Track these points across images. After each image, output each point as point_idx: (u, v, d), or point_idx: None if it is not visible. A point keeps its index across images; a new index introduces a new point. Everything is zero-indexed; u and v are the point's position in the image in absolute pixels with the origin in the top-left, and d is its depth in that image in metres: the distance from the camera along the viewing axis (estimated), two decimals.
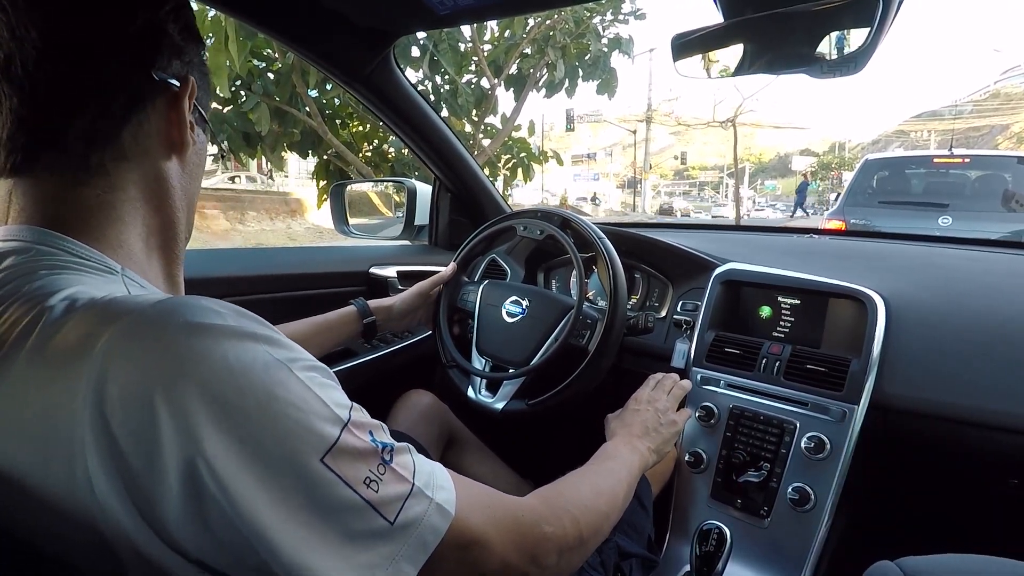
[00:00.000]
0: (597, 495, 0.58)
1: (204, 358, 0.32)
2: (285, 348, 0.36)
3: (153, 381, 0.31)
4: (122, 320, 0.33)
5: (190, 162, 0.48)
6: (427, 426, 1.02)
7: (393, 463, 0.37)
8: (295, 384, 0.34)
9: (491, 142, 6.44)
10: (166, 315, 0.33)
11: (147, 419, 0.30)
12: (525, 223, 1.13)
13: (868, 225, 4.22)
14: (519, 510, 0.46)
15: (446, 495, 0.39)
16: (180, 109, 0.45)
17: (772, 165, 75.21)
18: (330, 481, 0.33)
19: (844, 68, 0.75)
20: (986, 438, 0.81)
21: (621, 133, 52.90)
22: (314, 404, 0.35)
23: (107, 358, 0.31)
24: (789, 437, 0.91)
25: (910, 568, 0.52)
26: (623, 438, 0.80)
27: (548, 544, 0.47)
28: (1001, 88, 54.61)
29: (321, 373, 0.37)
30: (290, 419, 0.33)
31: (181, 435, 0.30)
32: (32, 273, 0.38)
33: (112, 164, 0.42)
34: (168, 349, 0.32)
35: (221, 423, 0.31)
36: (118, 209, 0.43)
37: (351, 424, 0.36)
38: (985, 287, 0.98)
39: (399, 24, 1.06)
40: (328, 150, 5.64)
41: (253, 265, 1.14)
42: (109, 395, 0.31)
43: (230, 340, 0.33)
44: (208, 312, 0.34)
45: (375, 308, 1.02)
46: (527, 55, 6.06)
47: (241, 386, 0.32)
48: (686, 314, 1.11)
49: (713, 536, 0.83)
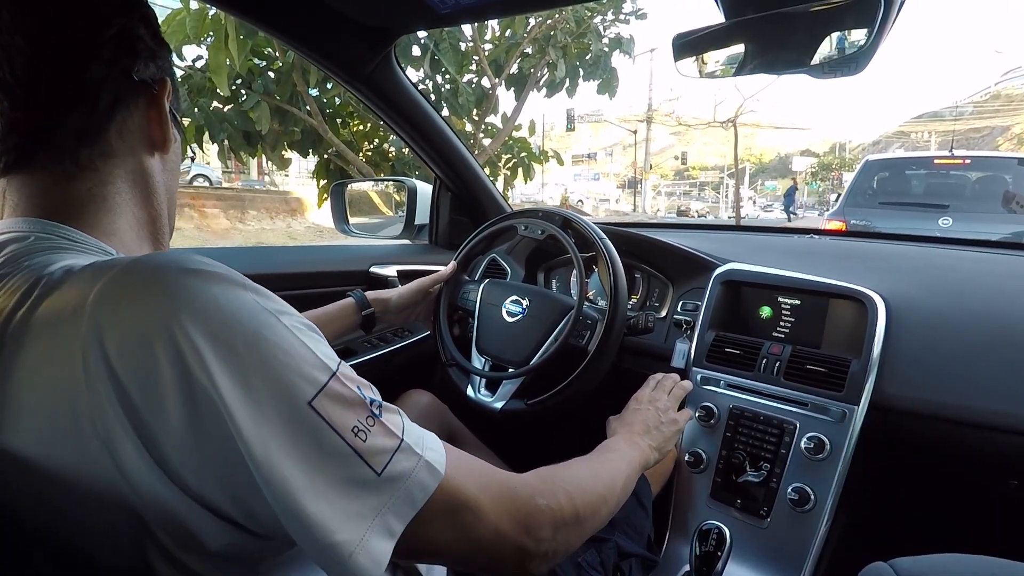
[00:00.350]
0: (595, 478, 0.58)
1: (195, 296, 0.33)
2: (274, 301, 0.37)
3: (148, 316, 0.32)
4: (113, 270, 0.35)
5: (170, 159, 0.52)
6: (426, 425, 1.00)
7: (382, 418, 0.38)
8: (283, 331, 0.35)
9: (492, 141, 6.43)
10: (156, 261, 0.35)
11: (146, 353, 0.32)
12: (526, 222, 1.13)
13: (868, 226, 4.22)
14: (512, 481, 0.46)
15: (436, 456, 0.40)
16: (160, 108, 0.49)
17: (772, 166, 75.17)
18: (317, 424, 0.34)
19: (845, 69, 0.75)
20: (986, 439, 0.81)
21: (622, 133, 52.90)
22: (302, 351, 0.36)
23: (98, 303, 0.33)
24: (789, 437, 0.91)
25: (903, 569, 0.52)
26: (624, 435, 0.79)
27: (542, 516, 0.46)
28: (1002, 89, 54.58)
29: (309, 328, 0.38)
30: (278, 361, 0.34)
31: (179, 362, 0.32)
32: (32, 253, 0.40)
33: (100, 160, 0.45)
34: (160, 288, 0.33)
35: (216, 352, 0.32)
36: (109, 201, 0.46)
37: (340, 374, 0.37)
38: (985, 288, 0.98)
39: (400, 23, 1.06)
40: (329, 149, 5.64)
41: (254, 264, 1.14)
42: (108, 338, 0.32)
43: (220, 284, 0.35)
44: (197, 260, 0.36)
45: (373, 300, 1.02)
46: (528, 55, 6.05)
47: (231, 325, 0.33)
48: (686, 314, 1.11)
49: (713, 536, 0.84)
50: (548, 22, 5.83)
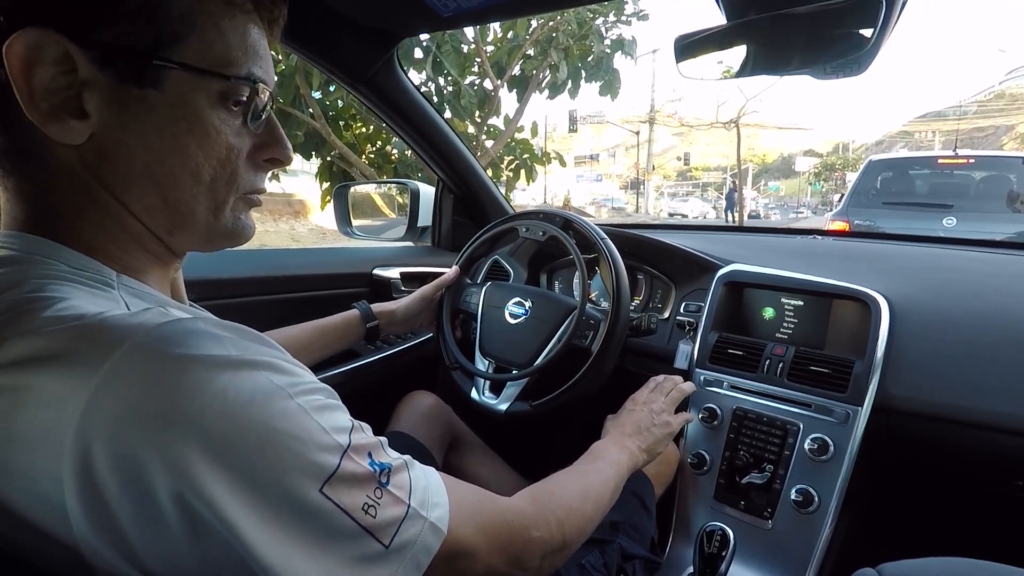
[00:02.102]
0: (584, 498, 0.60)
1: (201, 393, 0.31)
2: (286, 373, 0.36)
3: (145, 425, 0.30)
4: (119, 350, 0.31)
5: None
6: (430, 427, 1.02)
7: (390, 485, 0.38)
8: (295, 412, 0.34)
9: (494, 143, 6.45)
10: (163, 345, 0.32)
11: (136, 467, 0.30)
12: (527, 224, 1.13)
13: (872, 226, 4.21)
14: (508, 514, 0.47)
15: (440, 512, 0.40)
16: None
17: (776, 166, 75.07)
18: (328, 510, 0.34)
19: (847, 69, 0.75)
20: (992, 440, 0.80)
21: (624, 134, 52.87)
22: (314, 433, 0.34)
23: (96, 397, 0.30)
24: (792, 439, 0.91)
25: (890, 575, 0.52)
26: (613, 437, 0.80)
27: (533, 548, 0.48)
28: (1006, 88, 54.39)
29: (323, 394, 0.37)
30: (290, 451, 0.33)
31: (175, 478, 0.30)
32: (22, 283, 0.36)
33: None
34: (163, 386, 0.31)
35: (218, 461, 0.31)
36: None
37: (350, 450, 0.36)
38: (990, 288, 0.98)
39: (402, 26, 1.06)
40: (331, 152, 5.66)
41: (257, 266, 1.14)
42: (96, 439, 0.29)
43: (229, 371, 0.33)
44: (208, 340, 0.33)
45: (378, 312, 1.02)
46: (530, 56, 6.07)
47: (239, 422, 0.32)
48: (689, 315, 1.11)
49: (716, 538, 0.83)
50: (550, 24, 5.85)
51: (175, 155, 0.40)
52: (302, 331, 0.92)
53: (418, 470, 0.42)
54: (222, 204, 0.44)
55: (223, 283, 1.03)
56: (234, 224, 0.45)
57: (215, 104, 0.41)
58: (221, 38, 0.41)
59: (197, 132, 0.40)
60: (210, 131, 0.41)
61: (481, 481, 1.05)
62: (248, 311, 1.04)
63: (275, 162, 0.47)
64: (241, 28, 0.42)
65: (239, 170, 0.44)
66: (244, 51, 0.42)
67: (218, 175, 0.42)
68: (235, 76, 0.41)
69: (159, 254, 0.44)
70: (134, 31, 0.37)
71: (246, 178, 0.45)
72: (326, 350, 0.95)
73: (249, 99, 0.43)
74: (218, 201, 0.43)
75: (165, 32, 0.38)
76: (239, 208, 0.46)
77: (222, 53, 0.41)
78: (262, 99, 0.44)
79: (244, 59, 0.42)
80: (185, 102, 0.40)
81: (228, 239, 0.46)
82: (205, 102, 0.40)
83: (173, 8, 0.38)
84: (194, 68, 0.39)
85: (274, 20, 0.46)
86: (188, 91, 0.40)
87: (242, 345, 0.35)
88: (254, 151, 0.45)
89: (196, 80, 0.40)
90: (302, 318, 0.94)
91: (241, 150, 0.44)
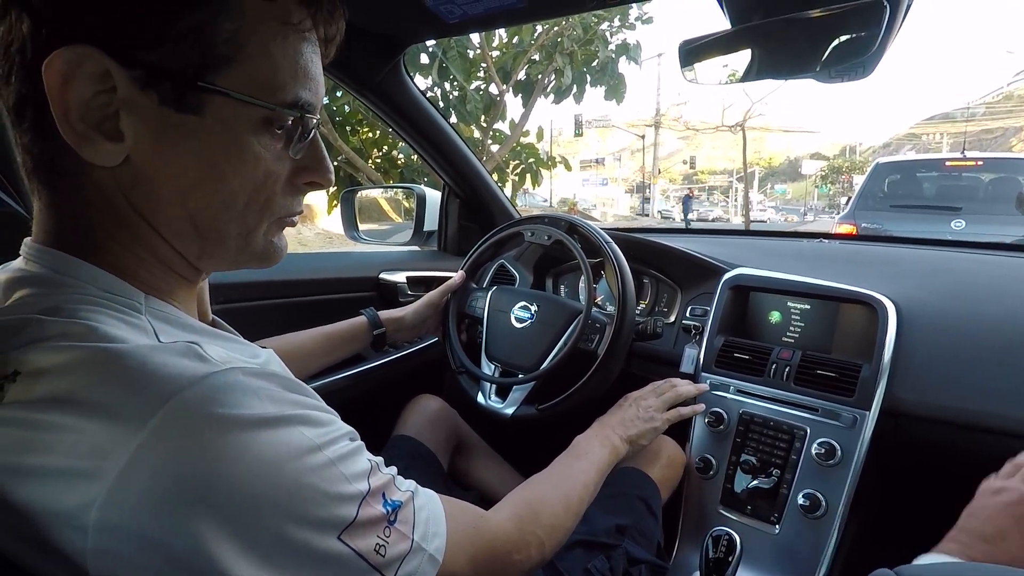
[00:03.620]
0: (567, 509, 0.63)
1: (242, 457, 0.32)
2: (316, 424, 0.37)
3: (184, 486, 0.31)
4: (165, 406, 0.31)
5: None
6: (435, 431, 1.02)
7: (398, 523, 0.40)
8: (323, 466, 0.36)
9: (500, 148, 6.46)
10: (207, 405, 0.32)
11: (166, 530, 0.31)
12: (533, 228, 1.13)
13: (879, 229, 4.18)
14: (495, 540, 0.51)
15: (438, 543, 0.43)
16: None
17: (782, 169, 74.80)
18: (346, 556, 0.36)
19: (852, 73, 0.75)
20: (1001, 444, 0.79)
21: (630, 138, 52.88)
22: (339, 485, 0.36)
23: (140, 454, 0.30)
24: (799, 443, 0.91)
25: (908, 575, 0.51)
26: (595, 430, 0.82)
27: (513, 569, 0.52)
28: (1014, 90, 54.00)
29: (347, 438, 0.40)
30: (316, 504, 0.35)
31: (192, 542, 0.31)
32: (55, 310, 0.35)
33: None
34: (207, 451, 0.32)
35: (241, 543, 0.32)
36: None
37: (369, 495, 0.38)
38: (999, 291, 0.97)
39: (409, 32, 1.07)
40: (338, 156, 5.69)
41: (264, 270, 1.15)
42: (132, 496, 0.30)
43: (267, 431, 0.34)
44: (246, 397, 0.34)
45: (385, 319, 1.01)
46: (535, 61, 6.09)
47: (272, 480, 0.33)
48: (695, 319, 1.10)
49: (723, 542, 0.83)
50: (555, 29, 5.86)
51: (210, 182, 0.39)
52: (309, 338, 0.92)
53: (421, 498, 0.44)
54: (254, 230, 0.42)
55: (231, 287, 1.04)
56: (265, 248, 0.44)
57: (258, 129, 0.39)
58: (270, 61, 0.39)
59: (235, 159, 0.39)
60: (248, 158, 0.39)
61: (486, 485, 1.06)
62: (256, 315, 1.05)
63: (315, 185, 0.45)
64: (292, 49, 0.40)
65: (275, 196, 0.42)
66: (294, 74, 0.40)
67: (252, 201, 0.41)
68: (281, 104, 0.39)
69: (187, 275, 0.43)
70: (180, 53, 0.35)
71: (282, 204, 0.43)
72: (332, 357, 0.95)
73: (294, 124, 0.41)
74: (249, 228, 0.42)
75: (212, 55, 0.36)
76: (272, 232, 0.44)
77: (270, 77, 0.39)
78: (308, 123, 0.42)
79: (293, 83, 0.40)
80: (226, 128, 0.38)
81: (258, 261, 0.45)
82: (247, 128, 0.39)
83: (223, 30, 0.36)
84: (239, 95, 0.37)
85: (330, 39, 0.44)
86: (230, 117, 0.38)
87: (277, 397, 0.36)
88: (294, 174, 0.43)
89: (240, 107, 0.38)
90: (309, 321, 0.95)
91: (280, 176, 0.42)
